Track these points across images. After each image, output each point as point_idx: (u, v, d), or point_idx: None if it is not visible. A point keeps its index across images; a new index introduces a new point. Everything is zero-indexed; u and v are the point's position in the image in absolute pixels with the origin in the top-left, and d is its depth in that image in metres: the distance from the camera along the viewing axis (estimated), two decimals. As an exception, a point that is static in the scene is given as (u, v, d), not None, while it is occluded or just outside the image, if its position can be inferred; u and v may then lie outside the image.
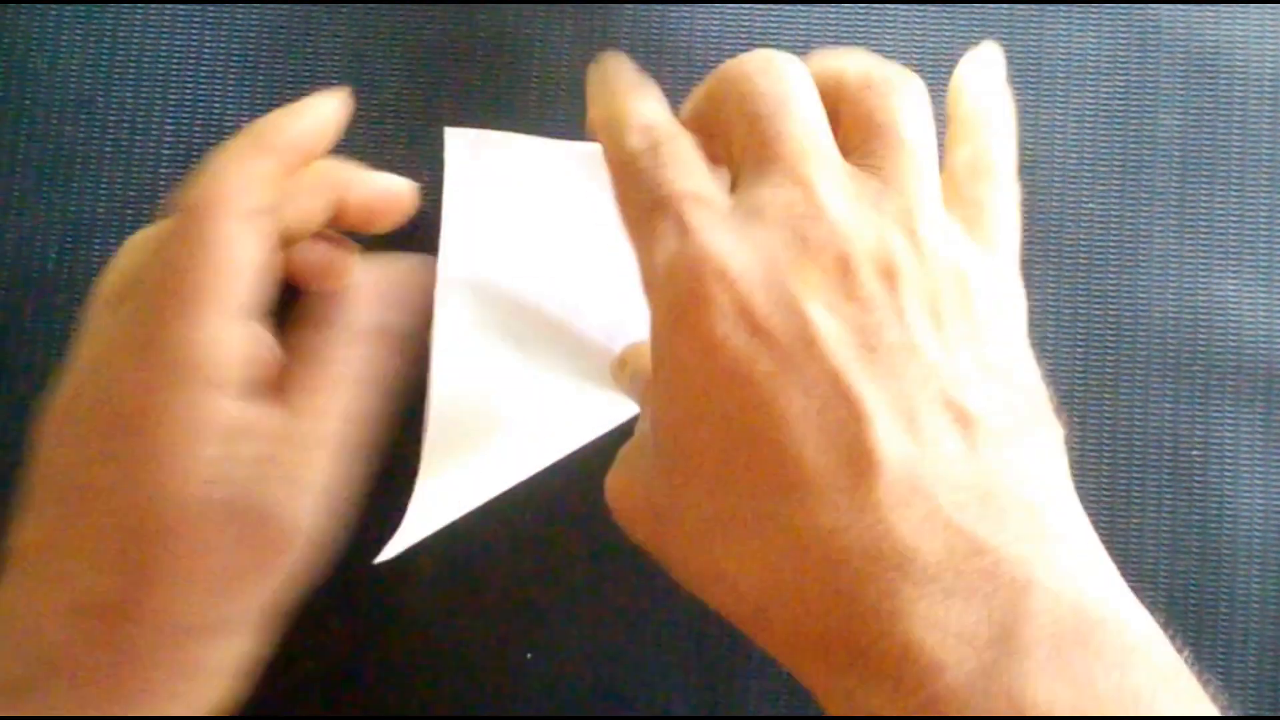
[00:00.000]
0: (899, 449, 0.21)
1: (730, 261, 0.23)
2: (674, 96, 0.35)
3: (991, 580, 0.20)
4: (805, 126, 0.24)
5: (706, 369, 0.22)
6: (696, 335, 0.22)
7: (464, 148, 0.34)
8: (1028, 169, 0.35)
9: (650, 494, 0.24)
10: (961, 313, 0.23)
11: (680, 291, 0.23)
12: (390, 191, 0.30)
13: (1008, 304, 0.25)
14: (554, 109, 0.34)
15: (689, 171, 0.25)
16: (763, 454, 0.22)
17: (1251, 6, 0.35)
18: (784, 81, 0.25)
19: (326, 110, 0.29)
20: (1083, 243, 0.34)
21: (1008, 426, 0.22)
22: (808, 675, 0.23)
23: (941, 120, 0.26)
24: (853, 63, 0.26)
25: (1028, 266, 0.34)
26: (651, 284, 0.24)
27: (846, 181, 0.24)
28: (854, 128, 0.25)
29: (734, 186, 0.25)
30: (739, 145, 0.25)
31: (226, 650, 0.27)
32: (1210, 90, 0.35)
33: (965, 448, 0.22)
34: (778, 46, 0.35)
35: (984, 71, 0.28)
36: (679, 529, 0.23)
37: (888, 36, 0.35)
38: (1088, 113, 0.35)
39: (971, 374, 0.23)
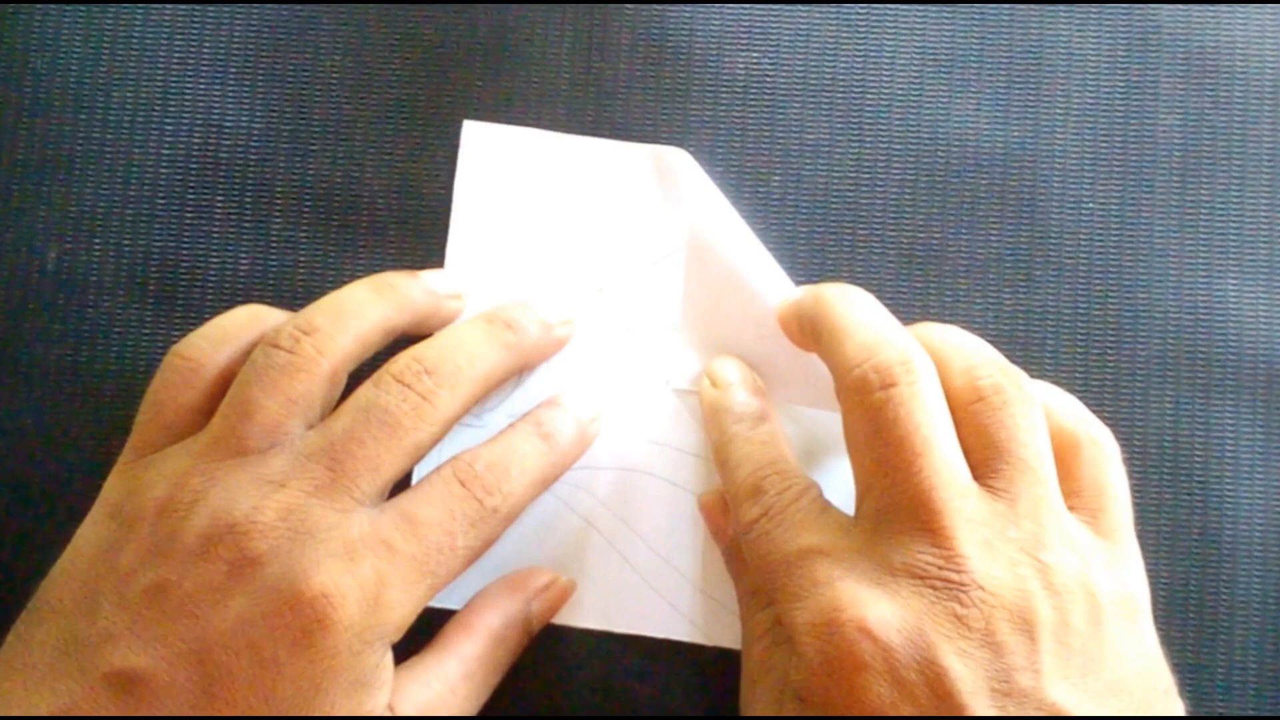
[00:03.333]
0: None
1: (876, 622, 0.25)
2: (674, 97, 0.35)
3: None
4: (939, 468, 0.26)
5: (848, 706, 0.25)
6: (849, 690, 0.25)
7: (480, 141, 0.34)
8: (1028, 169, 0.35)
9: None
10: (1091, 638, 0.26)
11: (832, 650, 0.26)
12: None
13: (1132, 605, 0.27)
14: (554, 109, 0.34)
15: (812, 526, 0.28)
16: None
17: (1251, 6, 0.35)
18: (916, 415, 0.27)
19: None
20: (1083, 243, 0.34)
21: None
22: None
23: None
24: (959, 359, 0.28)
25: (1028, 266, 0.34)
26: (798, 629, 0.26)
27: (979, 511, 0.26)
28: (974, 440, 0.27)
29: (860, 497, 0.28)
30: (866, 469, 0.27)
31: None
32: (1210, 90, 0.35)
33: None
34: (777, 46, 0.35)
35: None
36: None
37: (888, 36, 0.35)
38: (1088, 113, 0.35)
39: (1098, 701, 0.25)
